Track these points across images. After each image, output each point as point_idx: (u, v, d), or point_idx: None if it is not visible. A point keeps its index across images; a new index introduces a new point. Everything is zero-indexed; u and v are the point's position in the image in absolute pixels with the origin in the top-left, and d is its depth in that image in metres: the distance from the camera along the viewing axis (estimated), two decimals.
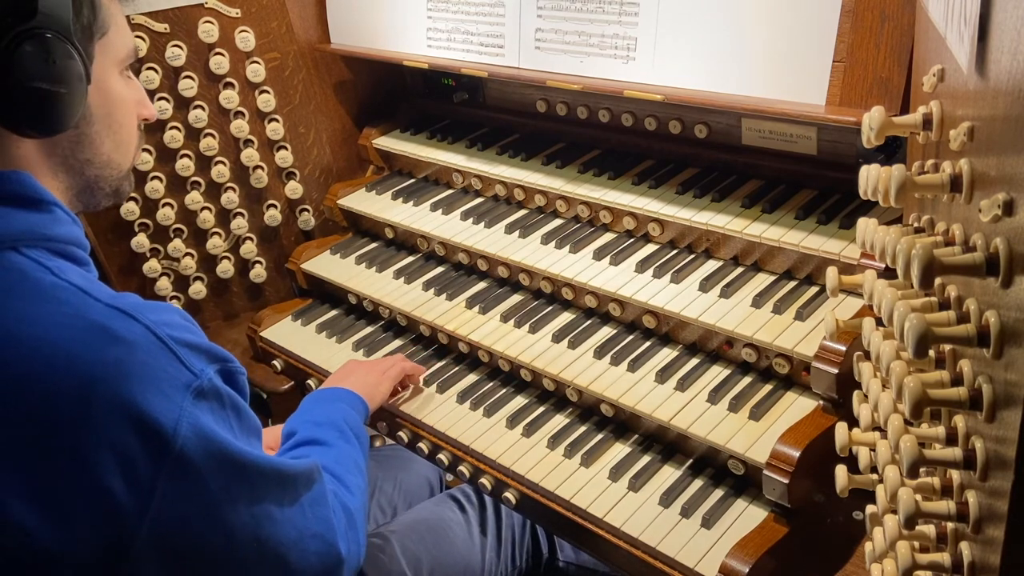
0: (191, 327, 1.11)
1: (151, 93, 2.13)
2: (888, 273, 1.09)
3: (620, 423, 1.68)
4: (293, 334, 2.15)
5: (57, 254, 1.08)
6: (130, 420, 0.98)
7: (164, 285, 2.29)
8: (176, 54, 2.12)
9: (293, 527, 1.17)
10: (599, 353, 1.72)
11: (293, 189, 2.31)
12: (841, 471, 1.06)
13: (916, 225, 1.04)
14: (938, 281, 0.88)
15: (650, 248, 1.85)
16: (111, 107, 1.18)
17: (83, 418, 0.97)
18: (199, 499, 1.04)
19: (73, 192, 1.18)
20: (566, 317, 1.86)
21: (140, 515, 1.00)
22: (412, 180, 2.33)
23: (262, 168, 2.28)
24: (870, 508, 1.04)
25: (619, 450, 1.63)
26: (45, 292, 1.01)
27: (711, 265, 1.76)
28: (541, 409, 1.75)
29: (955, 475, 0.85)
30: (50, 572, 0.99)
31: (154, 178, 2.21)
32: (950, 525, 0.86)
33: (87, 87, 1.11)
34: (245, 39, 2.17)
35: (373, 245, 2.28)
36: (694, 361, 1.66)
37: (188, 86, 2.15)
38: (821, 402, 1.47)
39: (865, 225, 1.01)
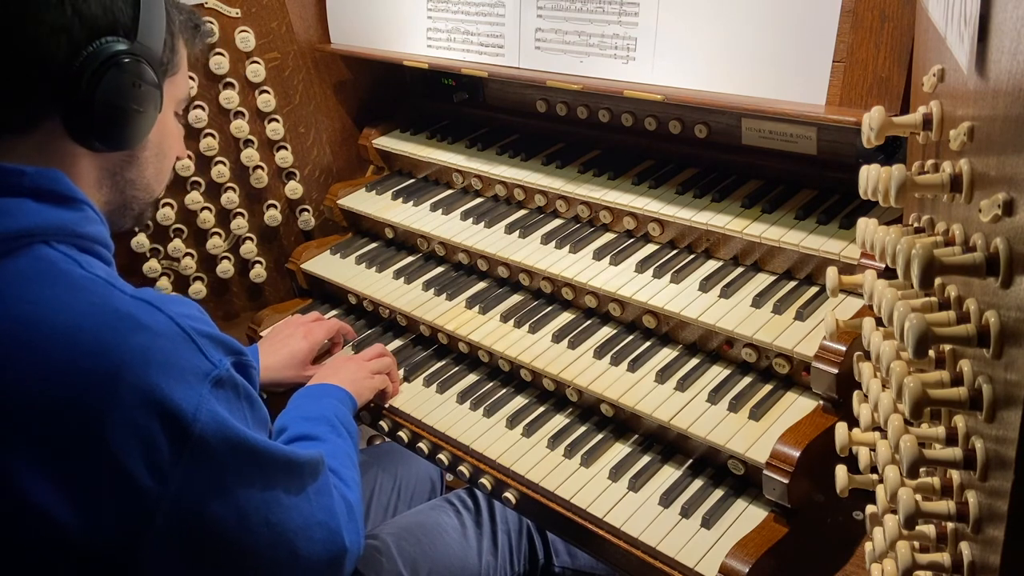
0: (208, 319, 1.15)
1: None
2: (888, 273, 1.09)
3: (620, 423, 1.68)
4: None
5: (84, 251, 1.12)
6: (153, 405, 1.02)
7: (164, 285, 2.29)
8: None
9: (300, 514, 1.21)
10: (599, 353, 1.72)
11: (293, 189, 2.31)
12: (841, 471, 1.06)
13: (916, 225, 1.04)
14: (938, 281, 0.88)
15: (650, 248, 1.85)
16: (163, 138, 1.29)
17: (108, 401, 1.00)
18: (215, 483, 1.08)
19: (109, 208, 1.25)
20: (566, 317, 1.86)
21: (159, 498, 1.03)
22: (412, 180, 2.33)
23: (262, 168, 2.28)
24: (870, 508, 1.04)
25: (619, 450, 1.63)
26: (74, 282, 1.06)
27: (711, 265, 1.76)
28: (541, 409, 1.75)
29: (955, 475, 0.85)
30: (69, 554, 1.01)
31: None
32: (950, 525, 0.86)
33: (157, 115, 1.23)
34: (245, 39, 2.17)
35: (373, 245, 2.28)
36: (694, 361, 1.66)
37: (188, 86, 2.15)
38: (821, 402, 1.47)
39: (865, 225, 1.01)
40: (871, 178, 0.94)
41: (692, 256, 1.78)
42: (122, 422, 1.00)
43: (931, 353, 0.86)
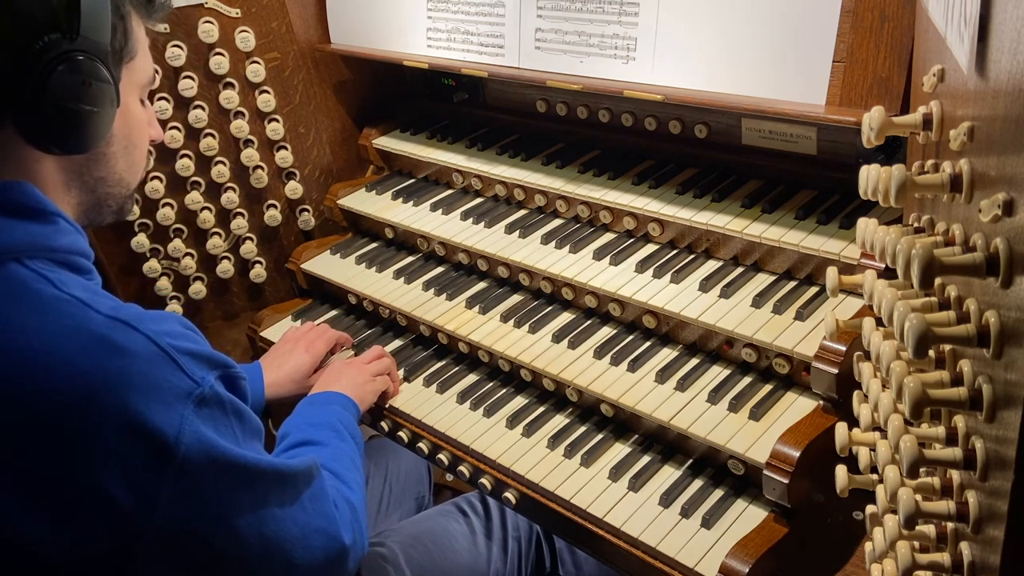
0: (192, 335, 1.12)
1: (151, 93, 2.13)
2: (888, 273, 1.09)
3: (620, 423, 1.68)
4: None
5: (60, 264, 1.08)
6: (132, 430, 0.99)
7: (164, 285, 2.29)
8: (176, 54, 2.11)
9: (295, 524, 1.19)
10: (599, 353, 1.72)
11: (293, 189, 2.31)
12: (841, 471, 1.06)
13: (916, 225, 1.04)
14: (938, 281, 0.88)
15: (650, 248, 1.85)
16: (130, 129, 1.22)
17: (86, 428, 0.98)
18: (203, 504, 1.06)
19: (83, 208, 1.20)
20: (566, 317, 1.86)
21: (144, 522, 1.01)
22: (412, 180, 2.33)
23: (262, 168, 2.28)
24: (870, 508, 1.04)
25: (619, 450, 1.63)
26: (46, 304, 1.02)
27: (711, 265, 1.76)
28: (541, 409, 1.75)
29: (955, 475, 0.85)
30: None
31: (154, 178, 2.21)
32: (950, 525, 0.86)
33: (116, 110, 1.15)
34: (245, 39, 2.17)
35: (373, 245, 2.28)
36: (694, 361, 1.66)
37: (188, 86, 2.15)
38: (821, 402, 1.46)
39: (865, 225, 1.01)
40: (871, 178, 0.94)
41: (692, 256, 1.78)
42: (102, 449, 0.98)
43: (931, 353, 0.86)
